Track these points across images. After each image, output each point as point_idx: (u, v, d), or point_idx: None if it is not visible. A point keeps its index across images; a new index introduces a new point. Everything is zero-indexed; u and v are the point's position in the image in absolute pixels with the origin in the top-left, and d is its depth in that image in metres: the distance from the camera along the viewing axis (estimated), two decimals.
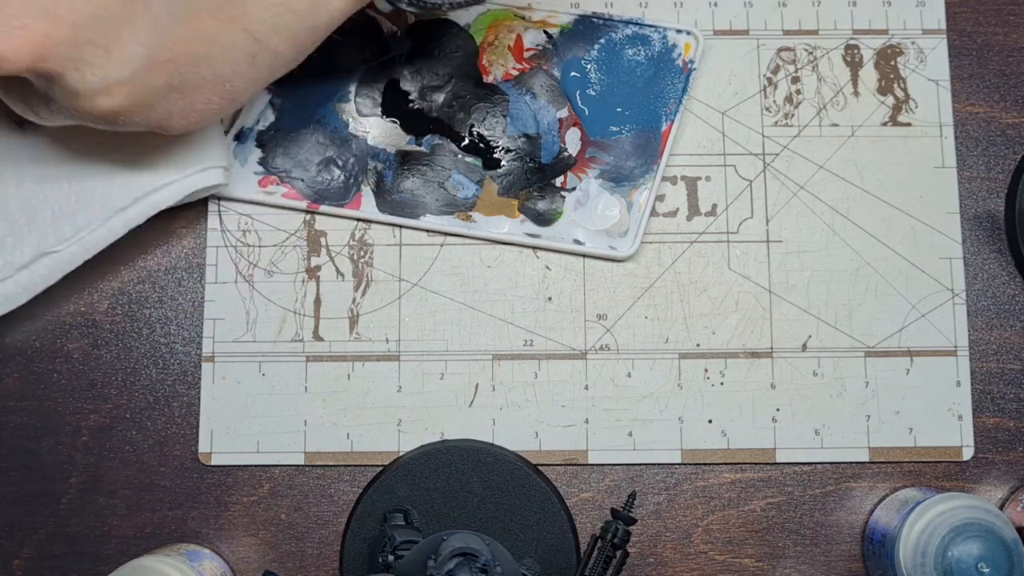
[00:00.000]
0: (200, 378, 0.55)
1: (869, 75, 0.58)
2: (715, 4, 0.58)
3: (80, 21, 0.42)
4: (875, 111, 0.57)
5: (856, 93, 0.58)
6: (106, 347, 0.56)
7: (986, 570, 0.47)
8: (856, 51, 0.58)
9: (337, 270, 0.56)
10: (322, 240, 0.56)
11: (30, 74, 0.43)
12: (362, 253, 0.56)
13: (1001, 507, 0.54)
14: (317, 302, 0.56)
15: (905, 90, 0.58)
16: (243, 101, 0.49)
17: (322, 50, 0.50)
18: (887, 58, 0.58)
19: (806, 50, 0.58)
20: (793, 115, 0.58)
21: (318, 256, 0.56)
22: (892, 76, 0.58)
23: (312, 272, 0.56)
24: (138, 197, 0.53)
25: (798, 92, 0.58)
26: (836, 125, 0.57)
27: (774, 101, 0.58)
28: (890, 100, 0.58)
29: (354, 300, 0.56)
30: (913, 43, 0.58)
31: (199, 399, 0.55)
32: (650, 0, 0.58)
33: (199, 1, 0.44)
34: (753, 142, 0.57)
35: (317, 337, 0.56)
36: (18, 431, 0.55)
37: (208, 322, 0.56)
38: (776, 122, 0.58)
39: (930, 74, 0.58)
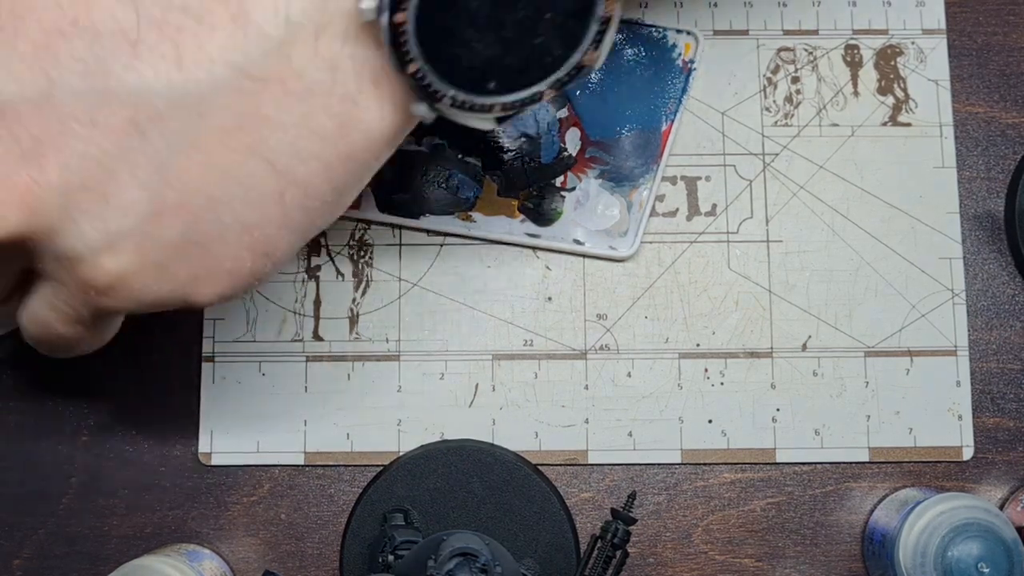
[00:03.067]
0: (200, 378, 0.55)
1: (869, 75, 0.58)
2: (715, 4, 0.58)
3: (69, 162, 0.35)
4: (875, 111, 0.57)
5: (856, 93, 0.58)
6: (106, 347, 0.56)
7: (986, 570, 0.47)
8: (856, 51, 0.58)
9: (337, 270, 0.56)
10: (322, 240, 0.56)
11: (22, 237, 0.36)
12: (362, 253, 0.56)
13: (1001, 507, 0.54)
14: (317, 302, 0.56)
15: (905, 90, 0.58)
16: (280, 258, 0.39)
17: None
18: (887, 58, 0.58)
19: (806, 50, 0.58)
20: (793, 115, 0.58)
21: (318, 256, 0.56)
22: (892, 76, 0.58)
23: (312, 272, 0.56)
24: None
25: (798, 92, 0.58)
26: (836, 125, 0.57)
27: (774, 101, 0.58)
28: (890, 100, 0.58)
29: (354, 300, 0.56)
30: (913, 43, 0.58)
31: (199, 399, 0.55)
32: (650, 0, 0.58)
33: (203, 127, 0.35)
34: (753, 142, 0.57)
35: (317, 337, 0.56)
36: (18, 431, 0.55)
37: (208, 322, 0.56)
38: (776, 122, 0.58)
39: (930, 74, 0.58)
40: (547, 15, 0.35)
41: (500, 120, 0.38)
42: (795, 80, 0.58)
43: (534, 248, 0.56)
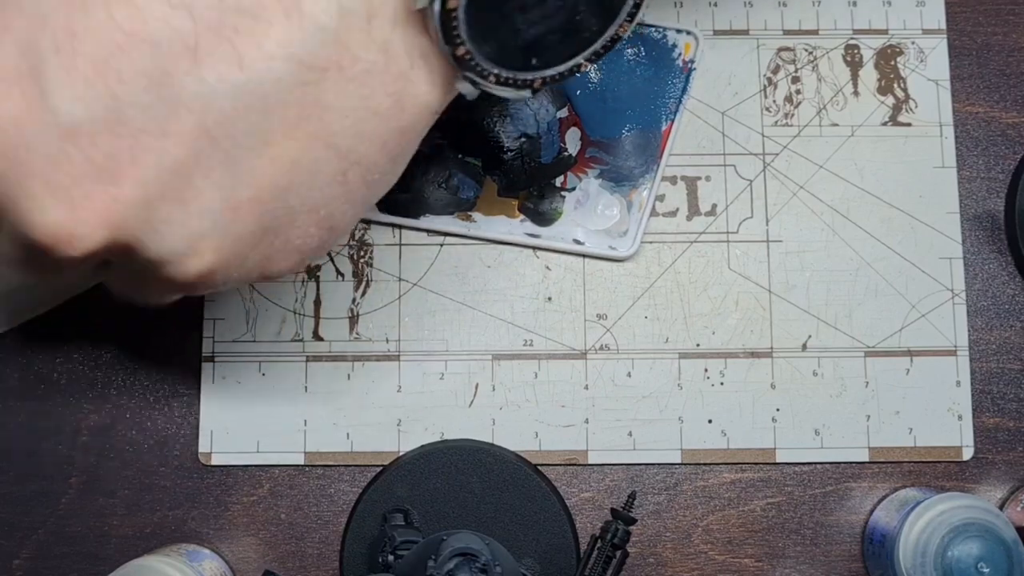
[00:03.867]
0: (200, 378, 0.55)
1: (869, 75, 0.58)
2: (715, 4, 0.58)
3: (146, 176, 0.36)
4: (875, 111, 0.57)
5: (856, 93, 0.58)
6: (106, 347, 0.56)
7: (986, 570, 0.47)
8: (856, 51, 0.58)
9: (337, 270, 0.56)
10: None
11: (108, 250, 0.37)
12: (362, 253, 0.56)
13: (1001, 507, 0.54)
14: (317, 302, 0.56)
15: (905, 90, 0.58)
16: (344, 229, 0.41)
17: None
18: (887, 58, 0.58)
19: (806, 50, 0.58)
20: (793, 115, 0.58)
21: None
22: (892, 76, 0.58)
23: (312, 272, 0.56)
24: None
25: (798, 92, 0.58)
26: (836, 125, 0.57)
27: (774, 101, 0.58)
28: (890, 100, 0.58)
29: (354, 300, 0.56)
30: (913, 43, 0.58)
31: (199, 399, 0.55)
32: (650, 1, 0.58)
33: (269, 123, 0.36)
34: (753, 142, 0.57)
35: (317, 337, 0.56)
36: (18, 431, 0.55)
37: (208, 322, 0.56)
38: (776, 122, 0.58)
39: (930, 74, 0.58)
40: None
41: (535, 92, 0.40)
42: (795, 80, 0.58)
43: (534, 248, 0.56)
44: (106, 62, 0.34)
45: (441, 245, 0.56)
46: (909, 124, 0.57)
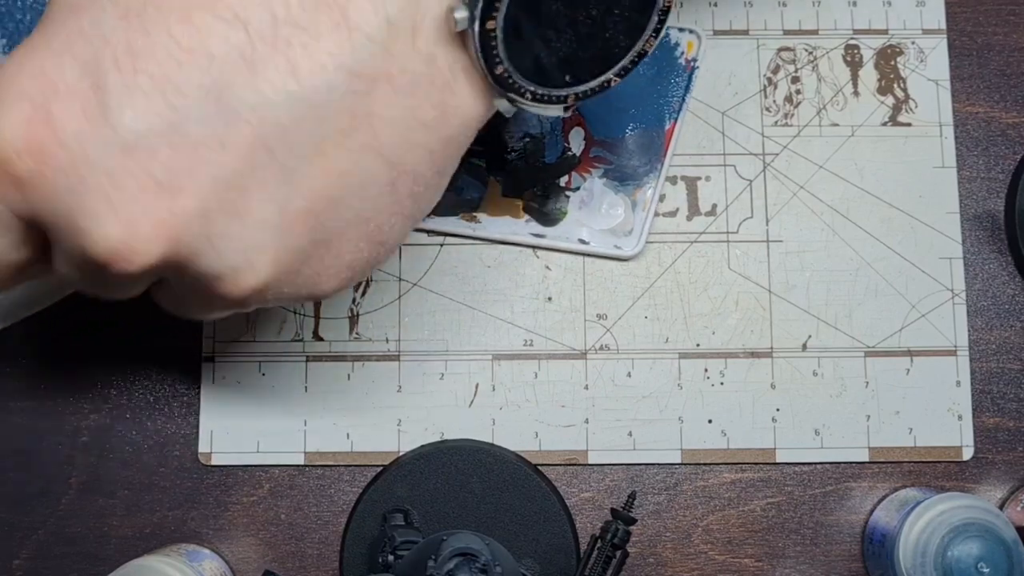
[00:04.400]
0: (200, 378, 0.55)
1: (869, 75, 0.58)
2: (715, 4, 0.58)
3: (203, 189, 0.36)
4: (875, 111, 0.57)
5: (856, 93, 0.58)
6: (106, 347, 0.56)
7: (986, 570, 0.47)
8: (856, 51, 0.58)
9: None
10: None
11: (165, 266, 0.37)
12: None
13: (1001, 507, 0.54)
14: (317, 302, 0.56)
15: (905, 90, 0.58)
16: (393, 244, 0.41)
17: None
18: (887, 58, 0.58)
19: (806, 50, 0.58)
20: (793, 115, 0.58)
21: None
22: (892, 76, 0.58)
23: None
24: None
25: (798, 92, 0.58)
26: (836, 125, 0.57)
27: (774, 101, 0.58)
28: (890, 100, 0.58)
29: (354, 300, 0.56)
30: (913, 43, 0.58)
31: (199, 399, 0.55)
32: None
33: (322, 133, 0.37)
34: (753, 142, 0.57)
35: (317, 337, 0.56)
36: (18, 431, 0.55)
37: (208, 322, 0.56)
38: (776, 122, 0.58)
39: (930, 74, 0.58)
40: (615, 11, 0.39)
41: (567, 109, 0.41)
42: (795, 80, 0.58)
43: (541, 248, 0.56)
44: (166, 77, 0.35)
45: (441, 245, 0.56)
46: (909, 124, 0.57)
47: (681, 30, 0.57)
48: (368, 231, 0.40)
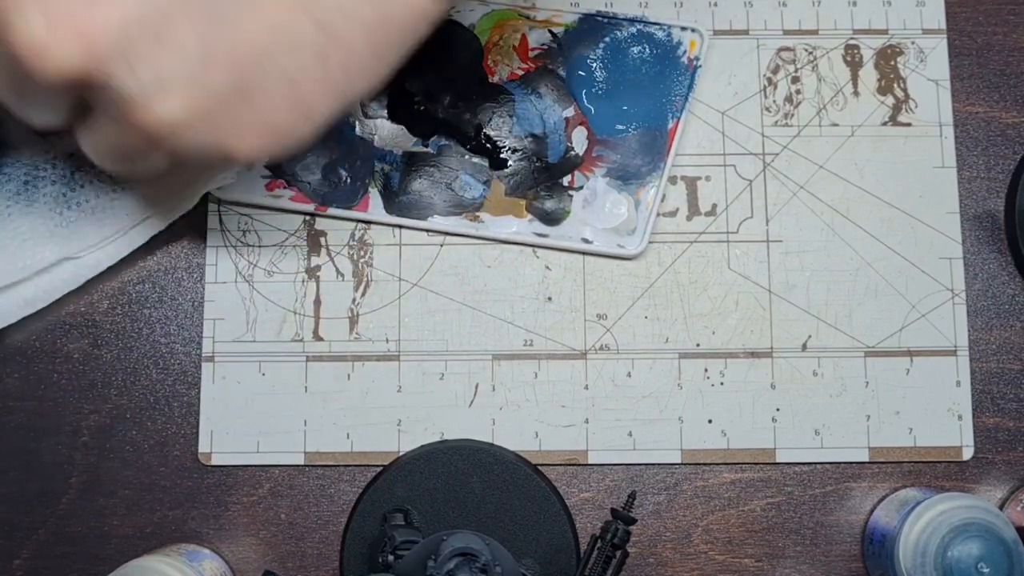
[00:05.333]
0: (200, 378, 0.55)
1: (869, 75, 0.58)
2: (715, 4, 0.58)
3: (128, 6, 0.38)
4: (875, 111, 0.57)
5: (856, 93, 0.58)
6: (106, 347, 0.56)
7: (986, 570, 0.47)
8: (856, 51, 0.58)
9: (337, 270, 0.56)
10: (322, 240, 0.56)
11: (82, 78, 0.39)
12: (362, 253, 0.56)
13: (1001, 507, 0.54)
14: (317, 302, 0.56)
15: (905, 90, 0.58)
16: (318, 117, 0.42)
17: None
18: (887, 58, 0.58)
19: (806, 50, 0.58)
20: (793, 115, 0.58)
21: (318, 256, 0.56)
22: (892, 76, 0.58)
23: (312, 272, 0.56)
24: (161, 203, 0.54)
25: (798, 92, 0.58)
26: (836, 125, 0.57)
27: (774, 101, 0.58)
28: (890, 100, 0.58)
29: (354, 300, 0.56)
30: (913, 43, 0.58)
31: (199, 399, 0.55)
32: (650, 0, 0.58)
33: None
34: (753, 142, 0.57)
35: (317, 337, 0.56)
36: (18, 431, 0.55)
37: (208, 322, 0.56)
38: (776, 122, 0.58)
39: (930, 74, 0.58)
40: None
41: None
42: (795, 80, 0.58)
43: (543, 248, 0.56)
44: None
45: (441, 245, 0.56)
46: (909, 124, 0.57)
47: (683, 29, 0.57)
48: (293, 96, 0.41)
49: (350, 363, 0.55)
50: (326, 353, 0.56)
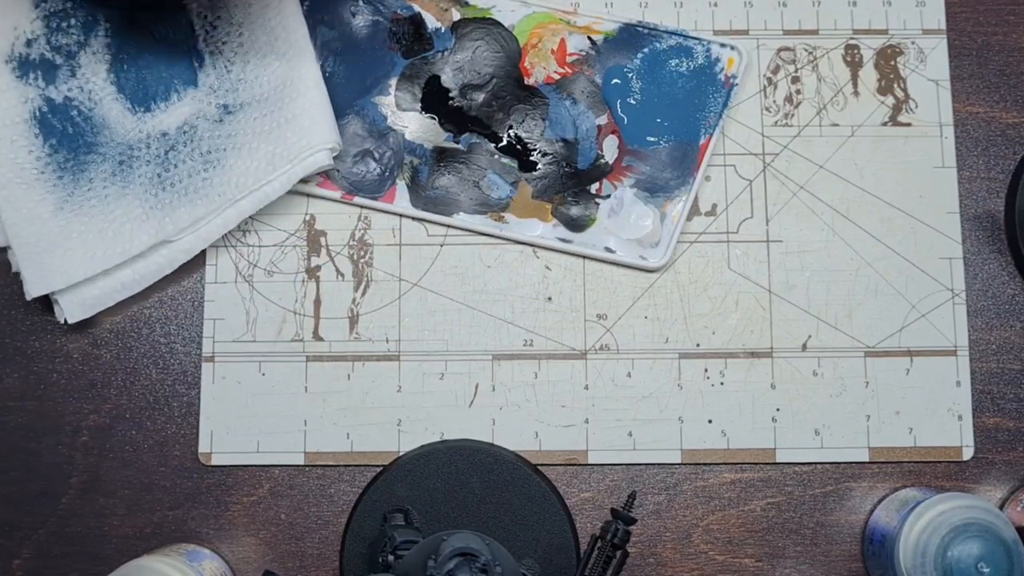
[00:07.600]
0: (200, 378, 0.55)
1: (869, 75, 0.58)
2: (715, 4, 0.58)
3: None
4: (875, 111, 0.57)
5: (856, 93, 0.58)
6: (106, 347, 0.56)
7: (986, 570, 0.47)
8: (856, 51, 0.58)
9: (337, 270, 0.56)
10: (322, 240, 0.56)
11: None
12: (362, 253, 0.56)
13: (1001, 507, 0.54)
14: (317, 302, 0.56)
15: (905, 90, 0.58)
16: None
17: (366, 41, 0.50)
18: (887, 58, 0.58)
19: (806, 50, 0.58)
20: (793, 115, 0.58)
21: (318, 256, 0.56)
22: (892, 76, 0.58)
23: (312, 272, 0.56)
24: (252, 189, 0.54)
25: (798, 92, 0.58)
26: (836, 125, 0.57)
27: (774, 101, 0.58)
28: (890, 100, 0.58)
29: (354, 300, 0.56)
30: (913, 43, 0.58)
31: (199, 399, 0.55)
32: (650, 1, 0.58)
33: None
34: (753, 142, 0.57)
35: (317, 337, 0.56)
36: (18, 431, 0.55)
37: (208, 322, 0.56)
38: (776, 122, 0.58)
39: (930, 74, 0.58)
40: None
41: None
42: (795, 80, 0.58)
43: (566, 253, 0.56)
44: None
45: (441, 245, 0.56)
46: (909, 124, 0.57)
47: (723, 46, 0.57)
48: None
49: (350, 363, 0.55)
50: (326, 353, 0.56)
